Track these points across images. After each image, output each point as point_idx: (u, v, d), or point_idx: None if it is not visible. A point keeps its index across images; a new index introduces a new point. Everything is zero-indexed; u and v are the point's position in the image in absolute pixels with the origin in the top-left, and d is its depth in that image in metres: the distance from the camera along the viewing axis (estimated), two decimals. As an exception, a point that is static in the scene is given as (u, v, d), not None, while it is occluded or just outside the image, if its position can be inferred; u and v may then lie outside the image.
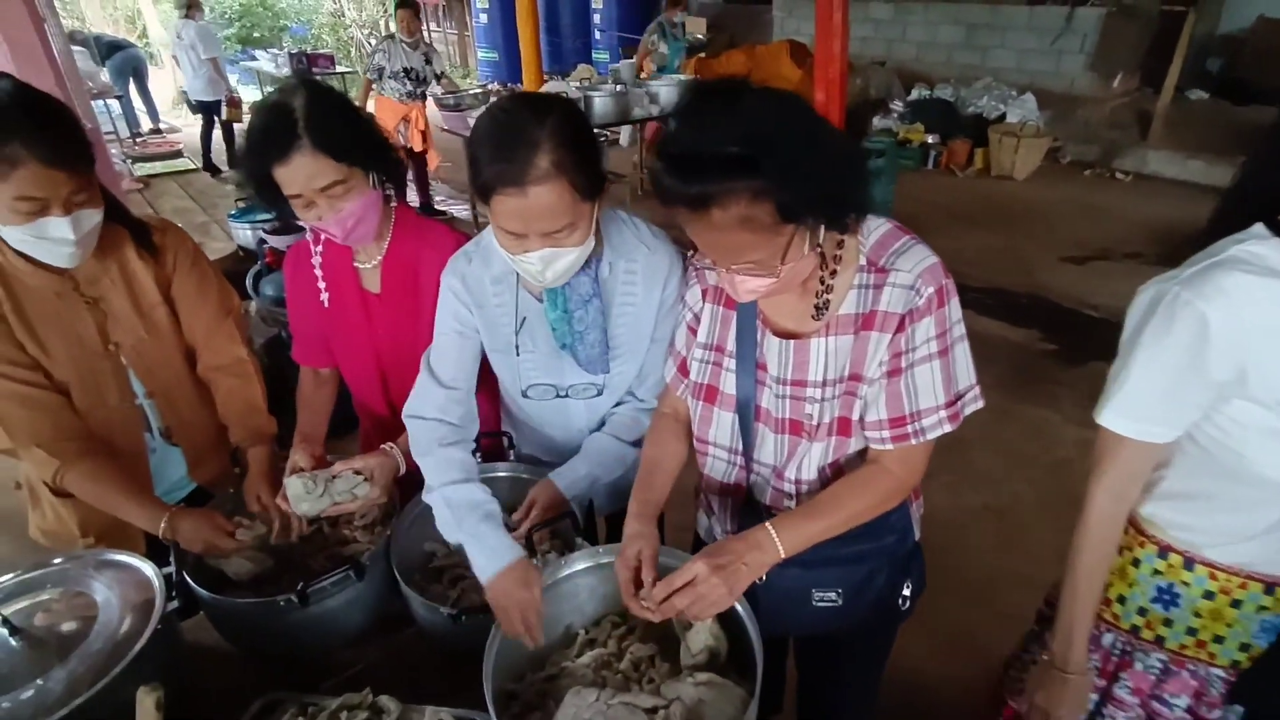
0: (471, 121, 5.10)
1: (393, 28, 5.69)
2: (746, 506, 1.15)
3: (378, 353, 1.45)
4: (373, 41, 13.03)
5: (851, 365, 1.00)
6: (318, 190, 1.18)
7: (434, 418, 1.25)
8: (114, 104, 7.87)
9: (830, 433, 1.04)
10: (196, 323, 1.42)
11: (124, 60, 8.22)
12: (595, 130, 1.20)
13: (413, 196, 6.02)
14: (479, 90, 5.84)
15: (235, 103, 7.15)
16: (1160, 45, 6.74)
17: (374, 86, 5.47)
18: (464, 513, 1.15)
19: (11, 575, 1.15)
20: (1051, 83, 7.14)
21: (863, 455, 1.07)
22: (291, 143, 1.14)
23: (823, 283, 0.99)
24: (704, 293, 1.13)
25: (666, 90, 5.46)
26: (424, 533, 1.36)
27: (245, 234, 3.43)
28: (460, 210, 6.34)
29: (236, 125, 7.12)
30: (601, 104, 5.14)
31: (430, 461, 1.23)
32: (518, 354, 1.28)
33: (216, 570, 1.27)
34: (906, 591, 1.15)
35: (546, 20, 10.06)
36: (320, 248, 1.39)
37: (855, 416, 1.02)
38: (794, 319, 1.04)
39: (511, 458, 1.43)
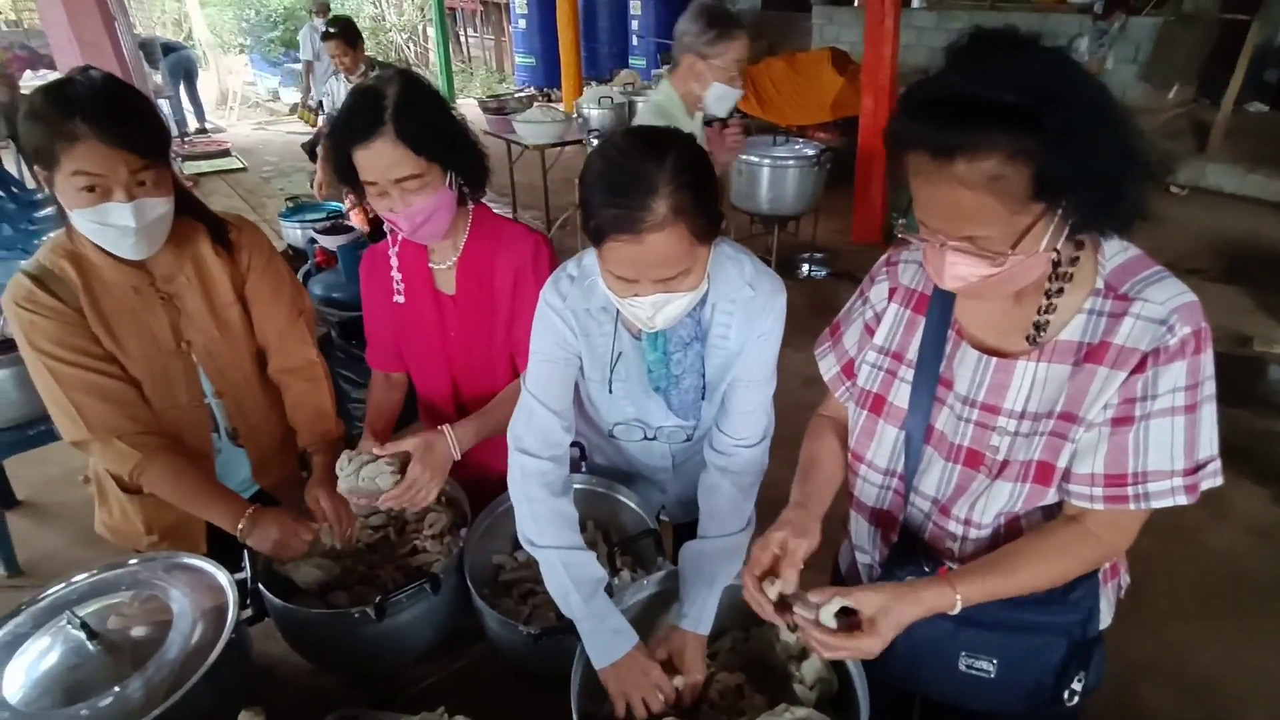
0: (516, 124, 5.12)
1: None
2: (900, 541, 1.03)
3: (449, 355, 1.42)
4: (411, 46, 13.23)
5: (1066, 402, 0.85)
6: (393, 180, 1.16)
7: (546, 456, 1.15)
8: (163, 104, 8.05)
9: (1023, 477, 0.89)
10: (269, 323, 1.40)
11: (177, 61, 8.42)
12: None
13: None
14: (523, 94, 5.83)
15: None
16: (1217, 55, 6.54)
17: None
18: (586, 589, 1.07)
19: (85, 576, 1.13)
20: (1103, 93, 6.97)
21: (1048, 511, 0.93)
22: (375, 128, 1.12)
23: (1048, 296, 0.85)
24: (892, 292, 1.01)
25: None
26: (492, 545, 1.33)
27: (295, 233, 3.45)
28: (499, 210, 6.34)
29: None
30: (645, 109, 5.10)
31: (542, 510, 1.13)
32: (610, 391, 1.20)
33: (284, 577, 1.24)
34: (1078, 685, 0.94)
35: (584, 26, 10.07)
36: (397, 248, 1.36)
37: (1061, 465, 0.87)
38: (998, 334, 0.90)
39: (583, 469, 1.39)
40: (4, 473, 2.68)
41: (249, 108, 11.43)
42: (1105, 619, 0.99)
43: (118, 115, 1.09)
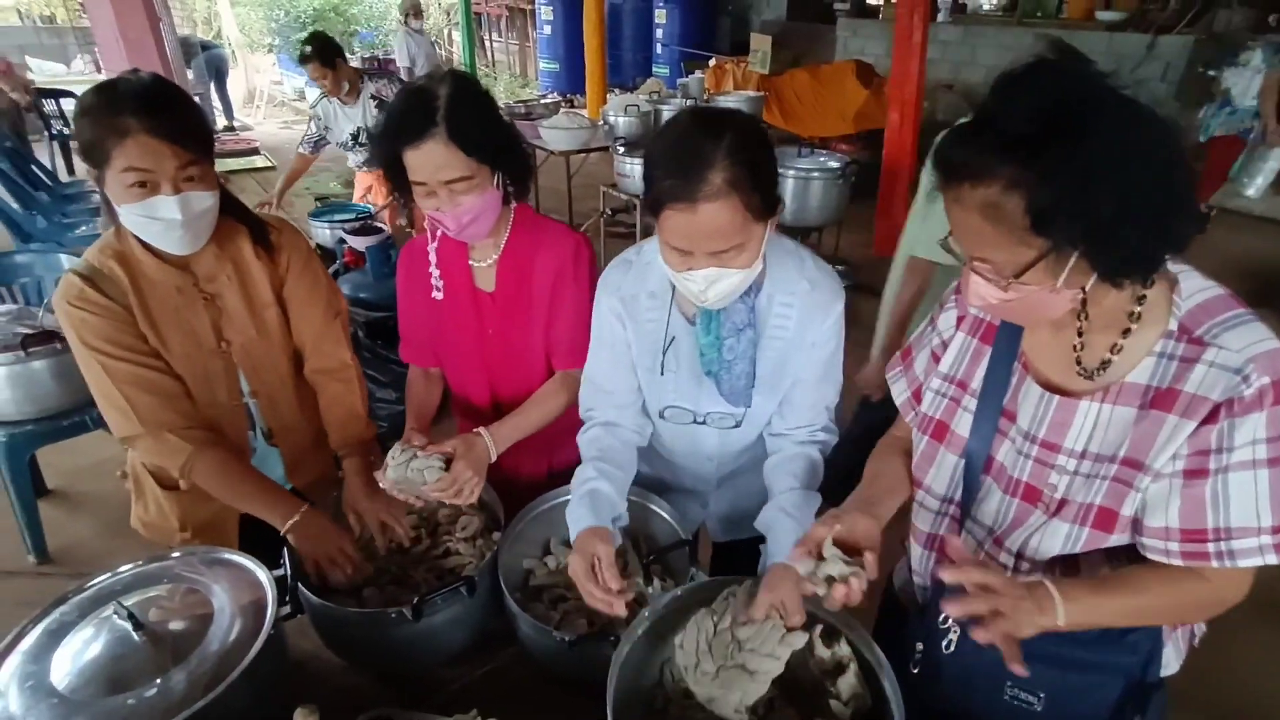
0: (542, 130, 5.17)
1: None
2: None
3: (486, 353, 1.42)
4: (436, 50, 13.35)
5: (1130, 448, 0.82)
6: (442, 182, 1.17)
7: (608, 420, 1.27)
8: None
9: (1082, 520, 0.87)
10: (306, 325, 1.42)
11: (209, 60, 8.57)
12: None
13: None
14: (551, 100, 5.87)
15: None
16: (1249, 76, 6.45)
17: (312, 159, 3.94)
18: (582, 497, 1.17)
19: (130, 567, 1.15)
20: (1130, 111, 6.91)
21: (1112, 556, 0.90)
22: (427, 129, 1.14)
23: (1080, 335, 0.84)
24: (960, 320, 1.01)
25: (735, 105, 5.44)
26: (523, 550, 1.34)
27: (324, 233, 3.48)
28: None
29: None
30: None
31: (585, 437, 1.28)
32: (662, 373, 1.23)
33: (316, 573, 1.26)
34: None
35: (609, 34, 10.15)
36: (436, 244, 1.37)
37: (1127, 513, 0.84)
38: (1061, 370, 0.89)
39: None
40: (36, 462, 2.73)
41: (275, 107, 11.59)
42: (1172, 666, 0.96)
43: (165, 110, 1.13)
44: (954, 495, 1.01)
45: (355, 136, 3.75)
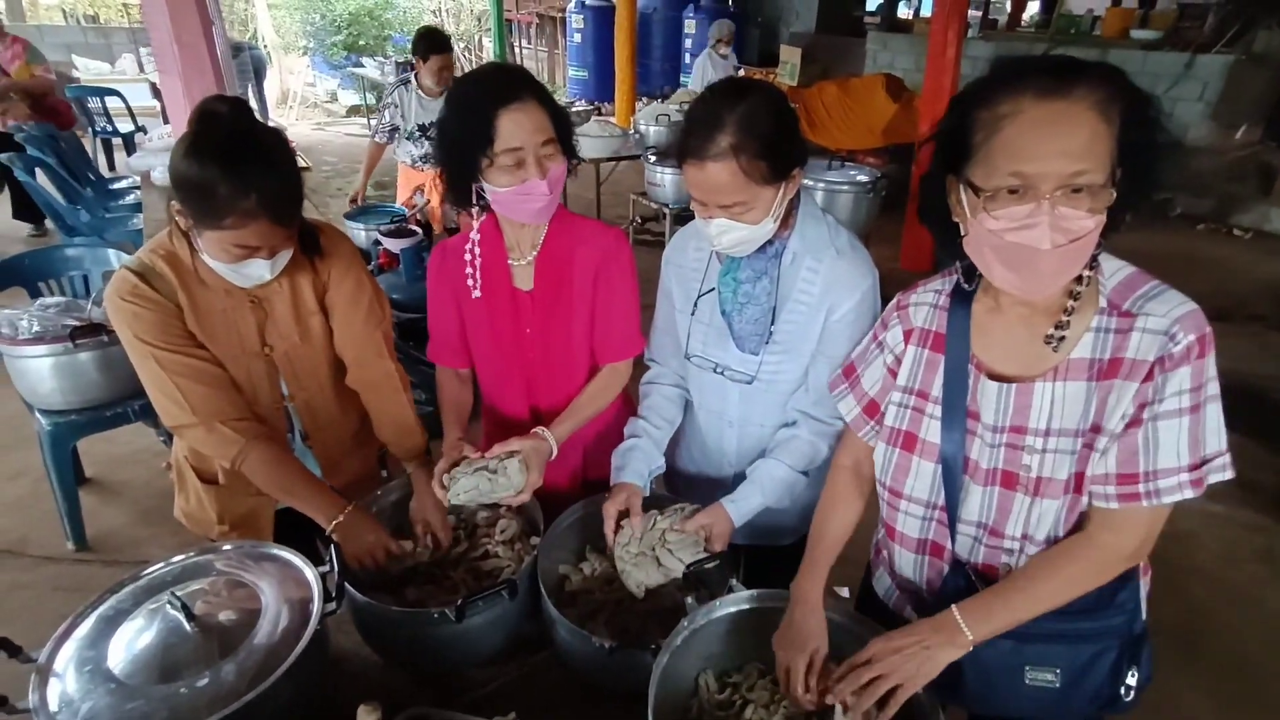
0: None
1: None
2: (952, 568, 1.06)
3: (524, 352, 1.42)
4: (467, 55, 13.52)
5: (1095, 415, 0.91)
6: (540, 143, 1.20)
7: (667, 367, 1.45)
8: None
9: (1067, 490, 0.94)
10: (347, 333, 1.42)
11: (247, 61, 8.74)
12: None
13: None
14: (581, 108, 5.92)
15: None
16: (1288, 97, 6.36)
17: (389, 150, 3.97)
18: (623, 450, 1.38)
19: (181, 558, 1.18)
20: (1164, 130, 6.82)
21: None
22: (522, 90, 1.19)
23: (1072, 297, 0.90)
24: (907, 335, 1.07)
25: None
26: (560, 556, 1.35)
27: (359, 234, 3.53)
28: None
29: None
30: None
31: (642, 389, 1.47)
32: (693, 313, 1.36)
33: (359, 569, 1.28)
34: (1132, 680, 1.00)
35: (638, 42, 10.23)
36: (475, 247, 1.37)
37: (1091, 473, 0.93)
38: (1016, 361, 0.95)
39: (651, 490, 1.40)
40: (76, 451, 2.80)
41: (307, 108, 11.80)
42: (1144, 614, 1.05)
43: (289, 199, 1.17)
44: (937, 500, 1.05)
45: (424, 129, 3.75)
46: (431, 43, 3.63)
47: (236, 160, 1.10)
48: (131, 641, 1.04)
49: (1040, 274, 0.84)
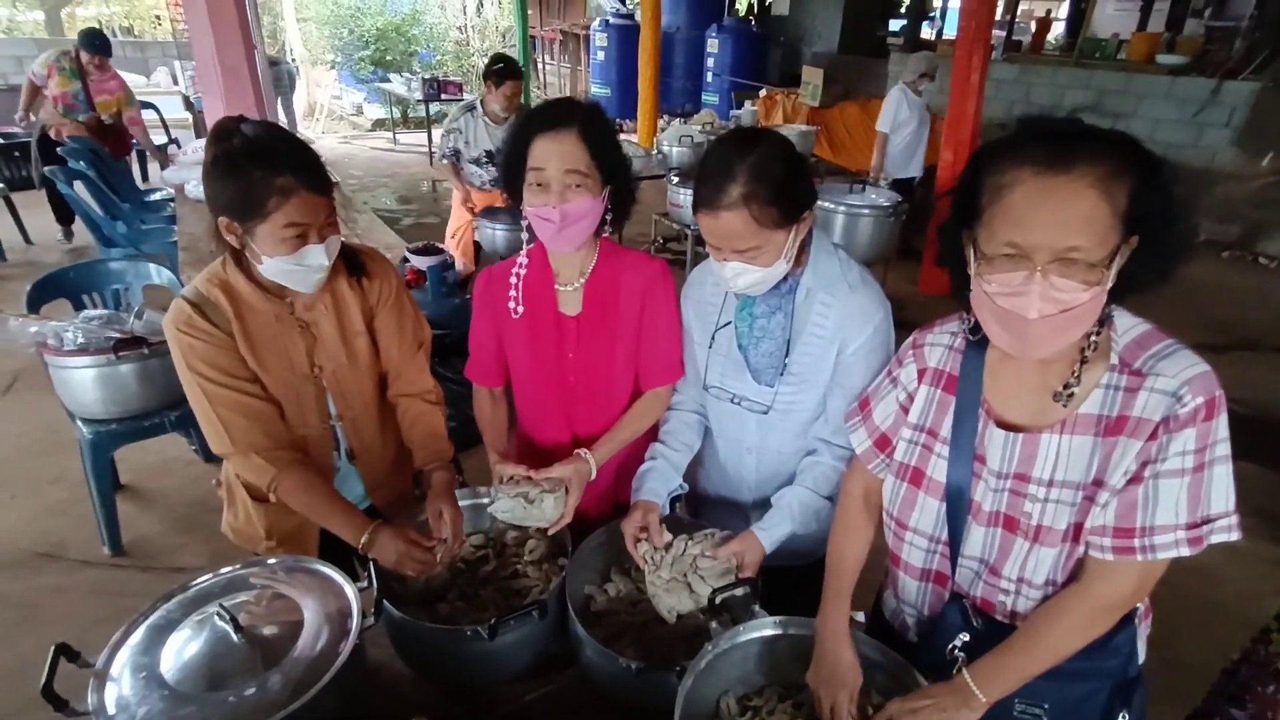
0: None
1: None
2: (952, 600, 1.09)
3: (565, 376, 1.46)
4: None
5: (1098, 470, 0.92)
6: (564, 171, 1.25)
7: (685, 395, 1.49)
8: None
9: (1065, 539, 0.96)
10: (392, 354, 1.49)
11: (277, 75, 8.95)
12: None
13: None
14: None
15: None
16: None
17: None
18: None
19: (228, 570, 1.24)
20: (1190, 156, 6.78)
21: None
22: (564, 120, 1.25)
23: (1083, 352, 0.92)
24: (921, 373, 1.10)
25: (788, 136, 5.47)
26: (586, 577, 1.39)
27: (496, 234, 3.59)
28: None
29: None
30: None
31: (665, 415, 1.50)
32: (711, 345, 1.40)
33: (396, 579, 1.32)
34: None
35: (660, 61, 10.36)
36: (522, 269, 1.42)
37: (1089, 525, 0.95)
38: (1025, 412, 0.98)
39: (674, 509, 1.44)
40: (114, 459, 2.89)
41: (334, 121, 12.03)
42: (1141, 656, 1.07)
43: (315, 165, 1.23)
44: (940, 535, 1.09)
45: (491, 154, 3.98)
46: (507, 69, 3.85)
47: (260, 149, 1.20)
48: (181, 650, 1.09)
49: (1029, 339, 0.87)
